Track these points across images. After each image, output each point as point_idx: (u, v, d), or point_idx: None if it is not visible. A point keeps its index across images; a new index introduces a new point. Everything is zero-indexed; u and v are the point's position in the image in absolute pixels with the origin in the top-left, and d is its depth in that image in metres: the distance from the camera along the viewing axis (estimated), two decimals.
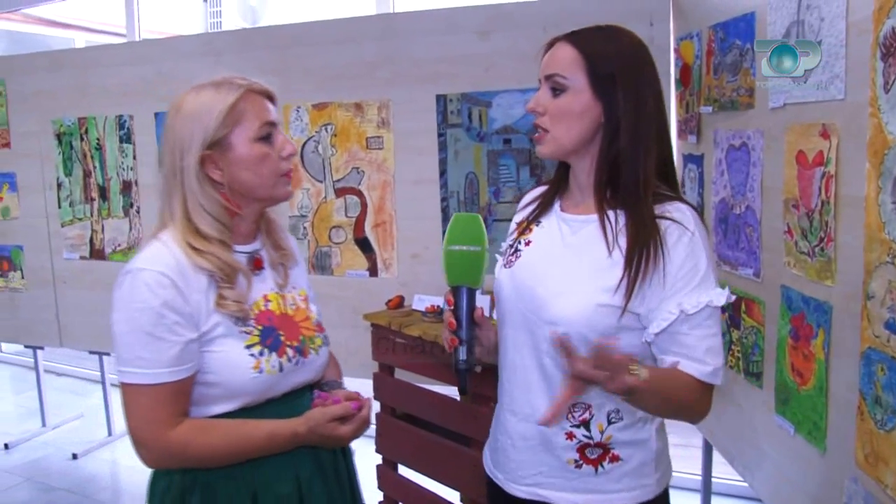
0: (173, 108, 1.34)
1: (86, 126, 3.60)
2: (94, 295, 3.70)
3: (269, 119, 1.34)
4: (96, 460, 3.84)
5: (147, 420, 1.25)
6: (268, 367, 1.33)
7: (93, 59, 3.59)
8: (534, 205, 1.43)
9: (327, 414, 1.33)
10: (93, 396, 4.63)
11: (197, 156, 1.29)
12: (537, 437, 1.33)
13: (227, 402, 1.32)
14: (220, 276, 1.30)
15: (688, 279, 1.22)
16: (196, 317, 1.27)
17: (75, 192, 3.68)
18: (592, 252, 1.27)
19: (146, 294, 1.23)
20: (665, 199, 1.27)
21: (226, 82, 1.33)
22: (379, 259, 3.13)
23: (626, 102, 1.24)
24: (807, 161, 1.71)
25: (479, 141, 2.93)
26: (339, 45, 3.05)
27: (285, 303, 1.43)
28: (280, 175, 1.36)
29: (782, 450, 1.89)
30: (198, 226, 1.30)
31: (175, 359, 1.25)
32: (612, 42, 1.26)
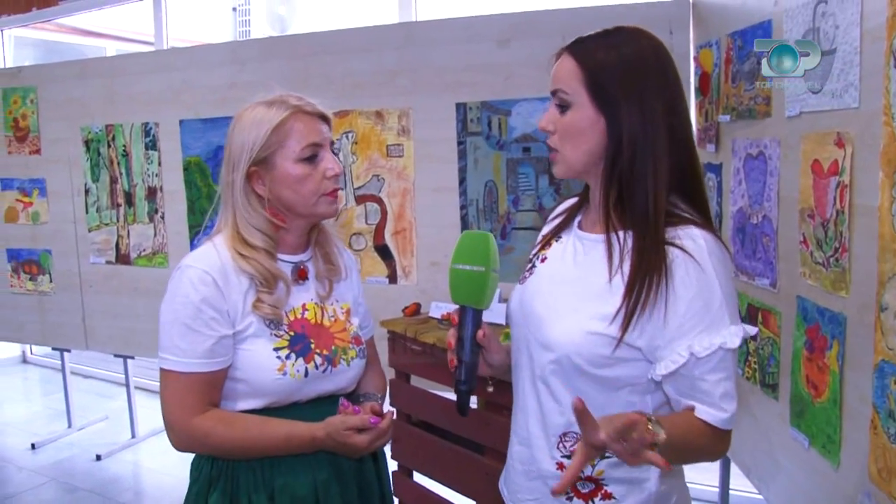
0: (232, 123, 1.42)
1: (113, 133, 3.67)
2: (118, 299, 3.77)
3: (313, 140, 1.39)
4: (119, 462, 3.89)
5: (177, 405, 1.34)
6: (292, 371, 1.38)
7: (120, 68, 3.67)
8: (559, 218, 1.37)
9: (346, 423, 1.35)
10: (118, 399, 4.69)
11: (243, 171, 1.37)
12: (531, 463, 1.28)
13: (252, 399, 1.38)
14: (261, 280, 1.37)
15: (698, 319, 1.12)
16: (233, 315, 1.35)
17: (102, 198, 3.75)
18: (595, 275, 1.19)
19: (189, 289, 1.33)
20: (679, 222, 1.15)
21: (278, 101, 1.39)
22: (398, 266, 3.14)
23: (630, 114, 1.15)
24: (822, 170, 1.69)
25: (498, 149, 2.93)
26: (361, 54, 3.08)
27: (324, 314, 1.48)
28: (322, 194, 1.41)
29: (797, 463, 1.86)
30: (244, 236, 1.39)
31: (208, 351, 1.33)
32: (614, 49, 1.17)
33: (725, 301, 1.13)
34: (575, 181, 2.78)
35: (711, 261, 1.13)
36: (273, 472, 1.38)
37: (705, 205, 1.22)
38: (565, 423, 1.21)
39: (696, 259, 1.12)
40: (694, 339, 1.12)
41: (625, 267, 1.16)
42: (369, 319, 1.68)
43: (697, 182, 1.22)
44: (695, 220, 1.18)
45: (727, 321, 1.13)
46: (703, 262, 1.12)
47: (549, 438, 1.24)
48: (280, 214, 1.42)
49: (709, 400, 1.13)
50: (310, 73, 3.17)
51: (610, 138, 1.17)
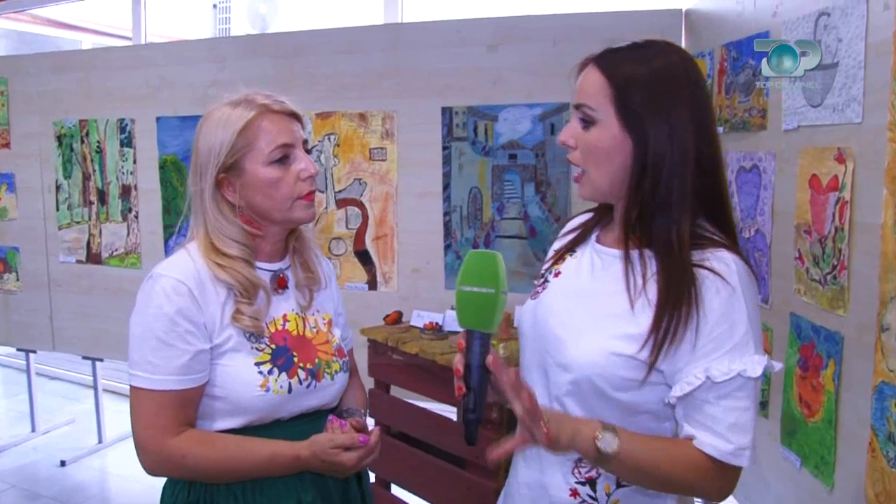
0: (198, 126, 1.33)
1: (87, 128, 3.56)
2: (89, 299, 3.65)
3: (284, 141, 1.30)
4: (85, 468, 3.77)
5: (149, 425, 1.25)
6: (275, 387, 1.30)
7: (96, 61, 3.56)
8: (574, 234, 1.31)
9: (333, 441, 1.28)
10: (84, 402, 4.57)
11: (211, 179, 1.29)
12: (540, 489, 1.22)
13: (231, 418, 1.30)
14: (240, 290, 1.29)
15: (720, 341, 1.07)
16: (210, 328, 1.27)
17: (74, 195, 3.64)
18: (615, 292, 1.14)
19: (162, 300, 1.24)
20: (707, 245, 1.11)
21: (243, 101, 1.31)
22: (379, 272, 3.08)
23: (658, 136, 1.09)
24: (820, 186, 1.66)
25: (484, 155, 2.88)
26: (345, 55, 3.02)
27: (305, 325, 1.40)
28: (296, 198, 1.32)
29: (788, 483, 1.83)
30: (218, 246, 1.30)
31: (183, 367, 1.24)
32: (644, 64, 1.10)
33: (752, 328, 1.09)
34: (561, 192, 2.79)
35: (741, 284, 1.08)
36: (255, 496, 1.30)
37: (732, 229, 1.17)
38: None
39: (727, 280, 1.08)
40: (713, 363, 1.07)
41: (649, 290, 1.11)
42: (349, 331, 1.60)
43: (724, 206, 1.17)
44: (724, 242, 1.13)
45: (751, 349, 1.08)
46: (733, 284, 1.08)
47: (563, 463, 1.18)
48: (254, 222, 1.33)
49: (715, 428, 1.07)
50: (293, 73, 3.10)
51: (636, 159, 1.12)
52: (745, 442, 1.07)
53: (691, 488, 1.12)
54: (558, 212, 2.80)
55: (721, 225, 1.16)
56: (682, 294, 1.07)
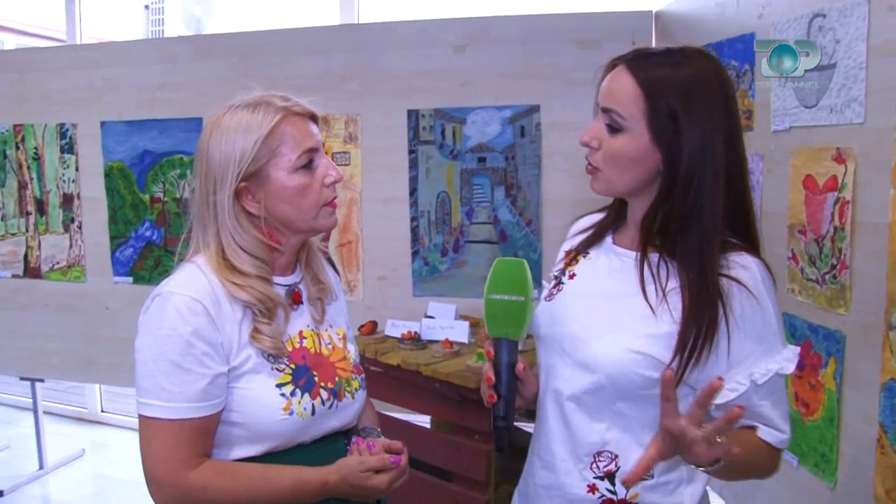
0: (206, 131, 1.22)
1: (22, 134, 3.34)
2: (27, 316, 3.43)
3: (309, 146, 1.22)
4: (25, 497, 3.52)
5: (165, 458, 1.14)
6: (299, 410, 1.21)
7: (30, 62, 3.34)
8: (585, 234, 1.29)
9: (364, 464, 1.20)
10: (20, 425, 4.29)
11: (231, 189, 1.19)
12: (558, 488, 1.21)
13: (251, 445, 1.20)
14: (260, 309, 1.20)
15: (753, 347, 1.09)
16: (227, 349, 1.17)
17: (8, 205, 3.41)
18: (636, 294, 1.13)
19: (176, 320, 1.14)
20: (729, 249, 1.11)
21: (262, 103, 1.21)
22: (343, 280, 2.98)
23: (691, 150, 1.07)
24: (816, 186, 1.67)
25: (451, 159, 2.83)
26: (305, 55, 2.92)
27: (321, 341, 1.31)
28: (322, 205, 1.24)
29: (783, 481, 1.83)
30: (233, 263, 1.20)
31: (201, 393, 1.14)
32: (679, 73, 1.08)
33: (779, 330, 1.12)
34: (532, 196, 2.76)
35: (765, 289, 1.10)
36: None
37: (755, 238, 1.17)
38: (600, 441, 1.16)
39: (751, 292, 1.08)
40: (752, 367, 1.09)
41: (671, 299, 1.10)
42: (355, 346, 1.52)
43: (748, 219, 1.16)
44: (744, 245, 1.13)
45: (780, 346, 1.11)
46: (758, 294, 1.09)
47: (581, 459, 1.17)
48: (275, 234, 1.24)
49: (769, 424, 1.12)
50: (248, 75, 2.97)
51: (666, 171, 1.10)
52: (789, 427, 1.14)
53: (761, 471, 1.17)
54: (529, 215, 2.77)
55: (743, 234, 1.16)
56: (709, 314, 1.07)
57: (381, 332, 2.54)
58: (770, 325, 1.10)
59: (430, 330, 2.44)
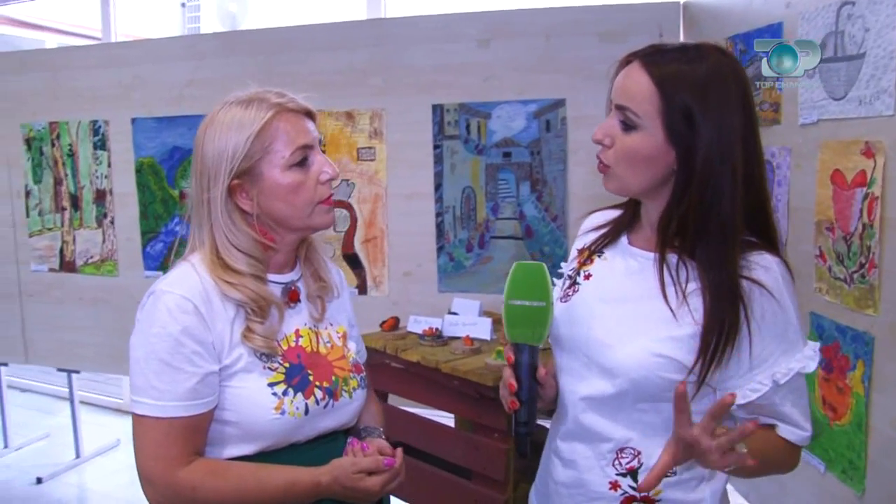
0: (201, 128, 1.21)
1: (57, 131, 3.41)
2: (62, 309, 3.50)
3: (303, 142, 1.20)
4: (62, 485, 3.61)
5: (156, 456, 1.14)
6: (291, 409, 1.19)
7: (65, 61, 3.39)
8: (598, 232, 1.27)
9: (356, 465, 1.18)
10: (59, 415, 4.39)
11: (224, 186, 1.18)
12: (579, 486, 1.20)
13: (244, 444, 1.20)
14: (252, 308, 1.19)
15: (774, 347, 1.08)
16: (218, 348, 1.16)
17: (45, 201, 3.48)
18: (656, 297, 1.11)
19: (166, 319, 1.13)
20: (748, 248, 1.09)
21: (256, 99, 1.19)
22: (369, 276, 2.98)
23: (707, 148, 1.05)
24: (844, 181, 1.60)
25: (477, 154, 2.80)
26: (330, 51, 2.91)
27: (319, 339, 1.30)
28: (317, 202, 1.22)
29: (810, 488, 1.78)
30: (227, 261, 1.19)
31: (191, 392, 1.13)
32: (696, 71, 1.06)
33: (800, 329, 1.10)
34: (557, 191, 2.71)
35: (785, 289, 1.09)
36: None
37: (775, 238, 1.14)
38: (623, 438, 1.15)
39: (773, 294, 1.07)
40: (774, 367, 1.09)
41: (692, 301, 1.09)
42: (362, 343, 1.50)
43: (766, 219, 1.14)
44: (764, 245, 1.11)
45: (801, 344, 1.10)
46: (779, 296, 1.08)
47: (603, 456, 1.16)
48: (269, 232, 1.23)
49: (789, 421, 1.11)
50: (274, 71, 2.98)
51: (680, 171, 1.08)
52: (810, 426, 1.14)
53: (780, 468, 1.18)
54: (555, 211, 2.73)
55: (762, 232, 1.13)
56: (730, 316, 1.06)
57: (403, 328, 2.53)
58: (791, 324, 1.08)
59: (452, 326, 2.42)
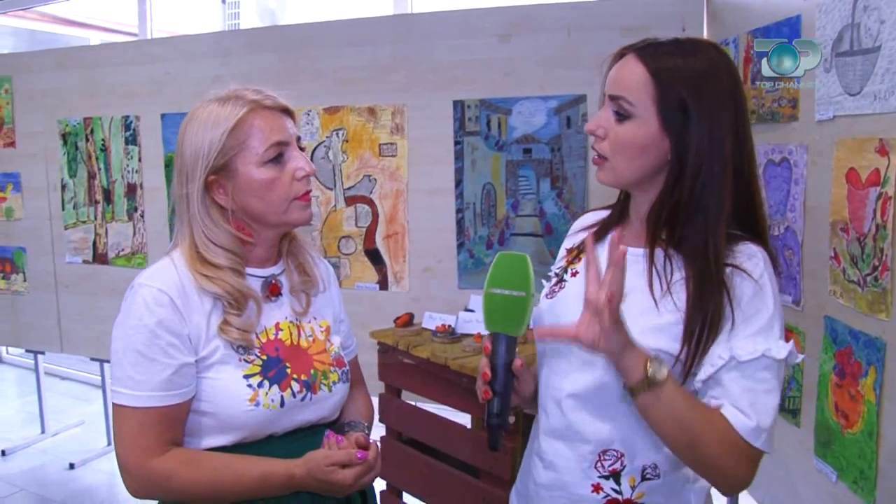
0: (182, 126, 1.25)
1: (91, 126, 3.49)
2: (95, 300, 3.58)
3: (277, 139, 1.21)
4: (93, 471, 3.71)
5: (132, 445, 1.16)
6: (266, 401, 1.21)
7: (100, 58, 3.48)
8: (586, 231, 1.27)
9: (329, 458, 1.19)
10: (94, 403, 4.50)
11: (200, 182, 1.20)
12: (560, 488, 1.19)
13: (220, 435, 1.21)
14: (229, 301, 1.21)
15: (745, 326, 1.06)
16: (195, 340, 1.19)
17: (79, 194, 3.57)
18: (638, 291, 1.11)
19: (143, 311, 1.16)
20: (734, 240, 1.09)
21: (232, 97, 1.22)
22: (390, 272, 2.98)
23: (700, 138, 1.06)
24: (860, 180, 1.54)
25: (497, 150, 2.78)
26: (353, 47, 2.92)
27: (300, 333, 1.31)
28: (292, 199, 1.23)
29: (822, 496, 1.72)
30: (204, 256, 1.21)
31: (166, 382, 1.15)
32: (689, 62, 1.07)
33: (777, 316, 1.08)
34: (578, 188, 2.68)
35: (768, 278, 1.08)
36: None
37: (763, 232, 1.14)
38: (605, 439, 1.14)
39: (753, 277, 1.07)
40: (738, 342, 1.06)
41: (676, 292, 1.09)
42: (352, 339, 1.51)
43: (757, 214, 1.14)
44: (750, 238, 1.11)
45: (776, 334, 1.07)
46: (761, 281, 1.07)
47: (584, 458, 1.16)
48: (246, 228, 1.24)
49: (738, 404, 1.05)
50: (298, 67, 3.00)
51: (673, 160, 1.09)
52: (766, 424, 1.05)
53: (710, 458, 1.06)
54: (575, 208, 2.69)
55: (751, 228, 1.13)
56: (714, 304, 1.06)
57: (419, 325, 2.52)
58: (767, 309, 1.07)
59: (466, 324, 2.41)
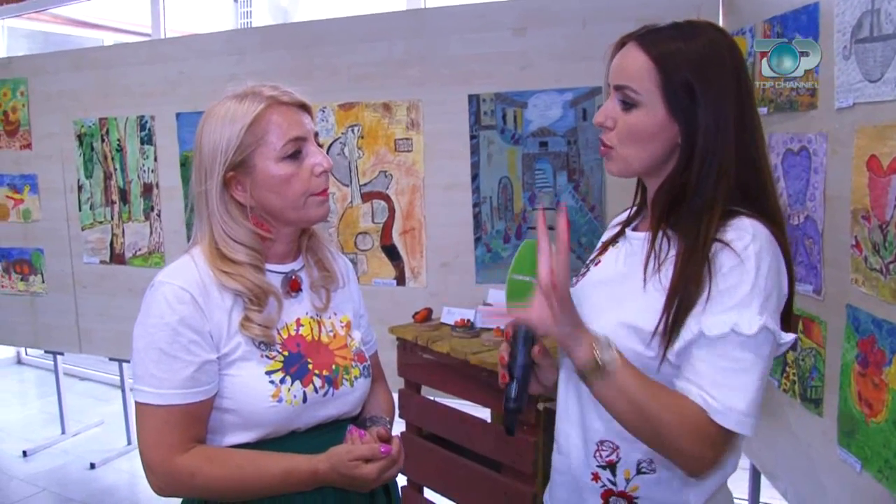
0: (200, 123, 1.26)
1: (107, 127, 3.51)
2: (113, 300, 3.61)
3: (295, 135, 1.22)
4: (114, 471, 3.74)
5: (155, 443, 1.17)
6: (288, 397, 1.22)
7: (114, 59, 3.50)
8: (621, 225, 1.29)
9: (352, 452, 1.19)
10: (114, 403, 4.54)
11: (219, 178, 1.21)
12: (568, 473, 1.21)
13: (243, 432, 1.22)
14: (249, 298, 1.21)
15: (722, 298, 1.03)
16: (216, 337, 1.19)
17: (96, 195, 3.59)
18: (638, 273, 1.13)
19: (164, 309, 1.17)
20: (731, 215, 1.08)
21: (250, 93, 1.23)
22: (407, 267, 2.99)
23: (707, 121, 1.06)
24: (881, 167, 1.53)
25: (513, 144, 2.77)
26: (367, 43, 2.92)
27: (321, 329, 1.32)
28: (310, 195, 1.24)
29: (846, 487, 1.71)
30: (225, 252, 1.22)
31: (188, 380, 1.16)
32: (690, 45, 1.07)
33: (758, 291, 1.02)
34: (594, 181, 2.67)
35: (754, 251, 1.03)
36: None
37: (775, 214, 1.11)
38: (603, 429, 1.15)
39: (736, 252, 1.03)
40: (708, 317, 1.02)
41: (666, 268, 1.09)
42: (372, 333, 1.52)
43: (765, 193, 1.11)
44: (745, 212, 1.07)
45: (754, 309, 1.01)
46: (744, 256, 1.03)
47: (588, 446, 1.18)
48: (265, 224, 1.26)
49: (700, 382, 1.02)
50: (313, 64, 3.01)
51: (683, 144, 1.09)
52: (740, 405, 1.00)
53: (671, 441, 1.02)
54: (592, 201, 2.69)
55: (761, 210, 1.10)
56: (694, 273, 1.04)
57: (437, 320, 2.53)
58: (746, 284, 1.02)
59: (485, 318, 2.41)
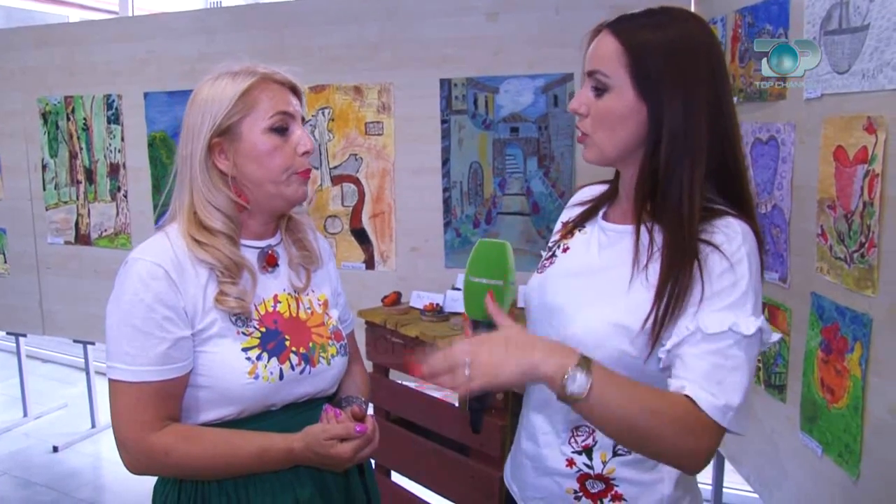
0: (193, 94, 1.26)
1: (72, 105, 3.44)
2: (78, 282, 3.55)
3: (285, 109, 1.23)
4: (78, 454, 3.69)
5: (129, 420, 1.16)
6: (265, 374, 1.21)
7: (81, 36, 3.42)
8: (584, 206, 1.28)
9: (327, 431, 1.19)
10: (77, 385, 4.48)
11: (204, 142, 1.21)
12: (539, 460, 1.22)
13: (218, 409, 1.21)
14: (222, 269, 1.20)
15: (716, 299, 1.03)
16: (191, 313, 1.18)
17: (61, 175, 3.52)
18: (621, 267, 1.12)
19: (137, 285, 1.15)
20: (714, 215, 1.08)
21: (244, 70, 1.24)
22: (376, 251, 2.98)
23: (674, 104, 1.06)
24: (847, 158, 1.55)
25: (484, 129, 2.77)
26: (339, 25, 2.89)
27: (299, 306, 1.31)
28: (292, 172, 1.24)
29: (808, 471, 1.74)
30: (202, 219, 1.22)
31: (162, 356, 1.15)
32: (661, 31, 1.07)
33: (752, 293, 1.04)
34: (565, 167, 2.68)
35: (745, 254, 1.05)
36: (249, 493, 1.21)
37: (747, 204, 1.13)
38: (577, 416, 1.11)
39: (725, 254, 1.04)
40: (706, 315, 1.03)
41: (653, 265, 1.08)
42: (349, 313, 1.52)
43: (739, 183, 1.13)
44: (731, 212, 1.09)
45: (748, 310, 1.03)
46: (731, 257, 1.04)
47: (560, 433, 1.18)
48: (243, 194, 1.25)
49: (702, 382, 1.00)
50: (285, 45, 2.97)
51: (651, 128, 1.09)
52: (735, 402, 1.00)
53: (668, 447, 1.00)
54: (562, 187, 2.69)
55: (735, 201, 1.12)
56: (683, 271, 1.05)
57: (406, 304, 2.52)
58: (740, 286, 1.03)
59: (454, 302, 2.41)
